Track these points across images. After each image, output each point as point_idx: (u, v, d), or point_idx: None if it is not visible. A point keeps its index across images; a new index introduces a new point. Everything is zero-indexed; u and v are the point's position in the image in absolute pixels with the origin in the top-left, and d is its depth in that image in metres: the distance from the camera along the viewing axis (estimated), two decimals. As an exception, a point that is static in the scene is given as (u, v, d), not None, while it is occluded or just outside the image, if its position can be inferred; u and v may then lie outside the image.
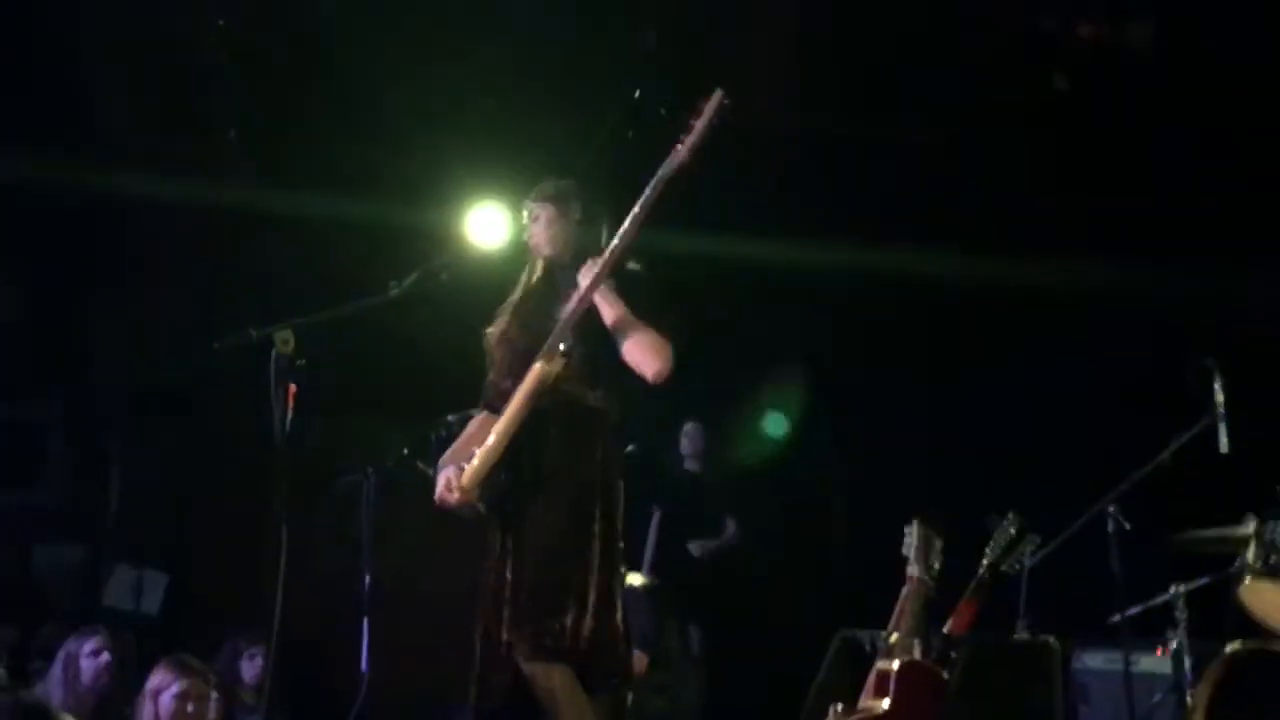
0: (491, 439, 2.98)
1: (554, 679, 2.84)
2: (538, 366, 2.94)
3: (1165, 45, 4.84)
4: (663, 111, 5.23)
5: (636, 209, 2.91)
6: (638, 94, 5.26)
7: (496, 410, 3.14)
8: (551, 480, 2.96)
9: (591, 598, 2.88)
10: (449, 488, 3.00)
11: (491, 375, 3.20)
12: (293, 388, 2.75)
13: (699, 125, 2.88)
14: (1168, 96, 5.03)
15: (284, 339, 2.75)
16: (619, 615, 2.93)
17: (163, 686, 3.81)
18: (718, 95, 2.85)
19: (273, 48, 5.34)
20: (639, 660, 4.58)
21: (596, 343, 3.02)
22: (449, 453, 3.13)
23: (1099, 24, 4.97)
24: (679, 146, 2.89)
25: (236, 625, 5.16)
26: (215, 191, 5.66)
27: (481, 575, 3.02)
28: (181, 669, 3.87)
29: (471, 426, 3.20)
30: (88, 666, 4.32)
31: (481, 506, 3.05)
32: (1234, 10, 4.76)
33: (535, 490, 2.96)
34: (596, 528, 2.94)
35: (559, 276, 3.18)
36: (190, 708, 3.83)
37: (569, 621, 2.84)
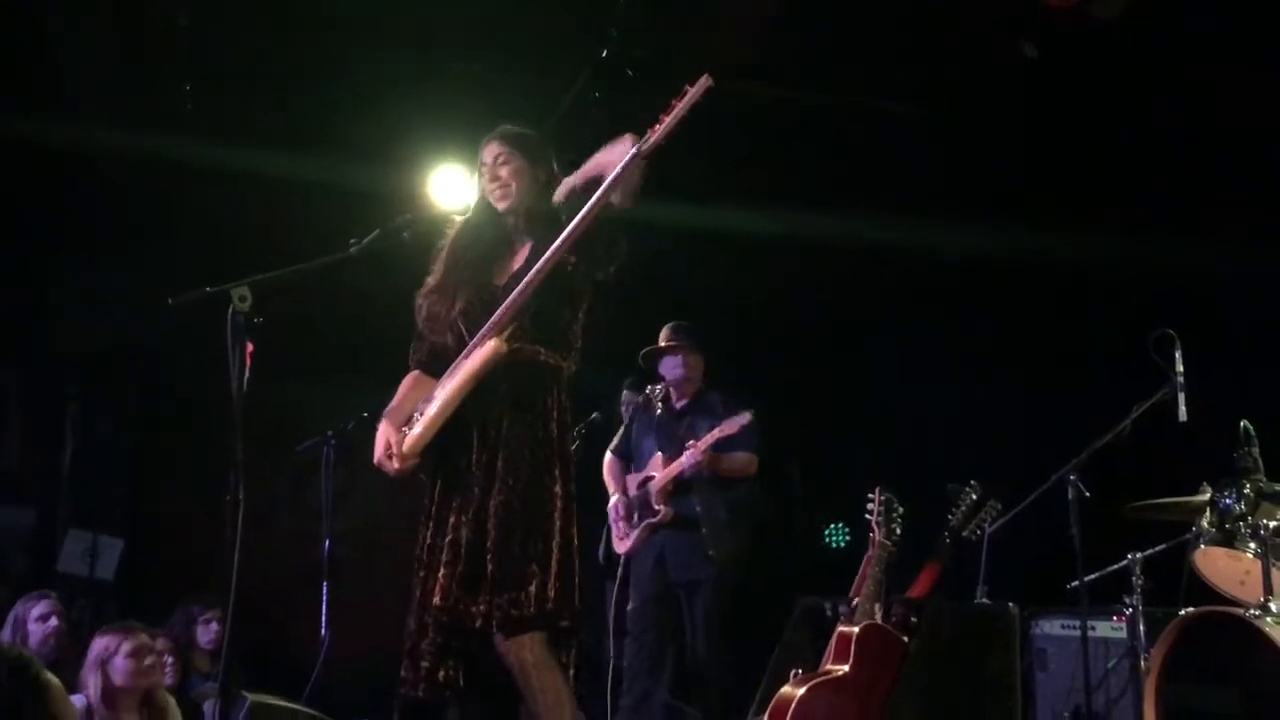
0: (434, 408, 2.90)
1: (527, 652, 2.79)
2: (491, 345, 2.86)
3: (1133, 15, 4.83)
4: (629, 72, 5.19)
5: (607, 183, 2.78)
6: (604, 54, 5.19)
7: (427, 368, 3.08)
8: (508, 441, 2.89)
9: (555, 559, 2.83)
10: (388, 454, 2.94)
11: (422, 329, 3.09)
12: (250, 346, 2.67)
13: (679, 108, 2.73)
14: (1135, 67, 5.04)
15: (241, 296, 2.68)
16: (577, 575, 2.89)
17: (109, 651, 3.73)
18: (704, 81, 2.71)
19: (234, 4, 5.20)
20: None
21: (548, 300, 2.95)
22: (386, 412, 3.05)
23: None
24: (655, 127, 2.74)
25: (192, 591, 5.11)
26: (175, 150, 5.54)
27: (424, 539, 2.94)
28: (125, 630, 3.81)
29: (404, 385, 3.11)
30: (35, 631, 4.29)
31: (424, 476, 2.99)
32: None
33: (490, 451, 2.89)
34: (557, 487, 2.89)
35: (507, 230, 3.08)
36: (148, 661, 3.77)
37: (534, 588, 2.80)
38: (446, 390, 2.92)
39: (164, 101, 5.44)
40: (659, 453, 4.73)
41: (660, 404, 4.84)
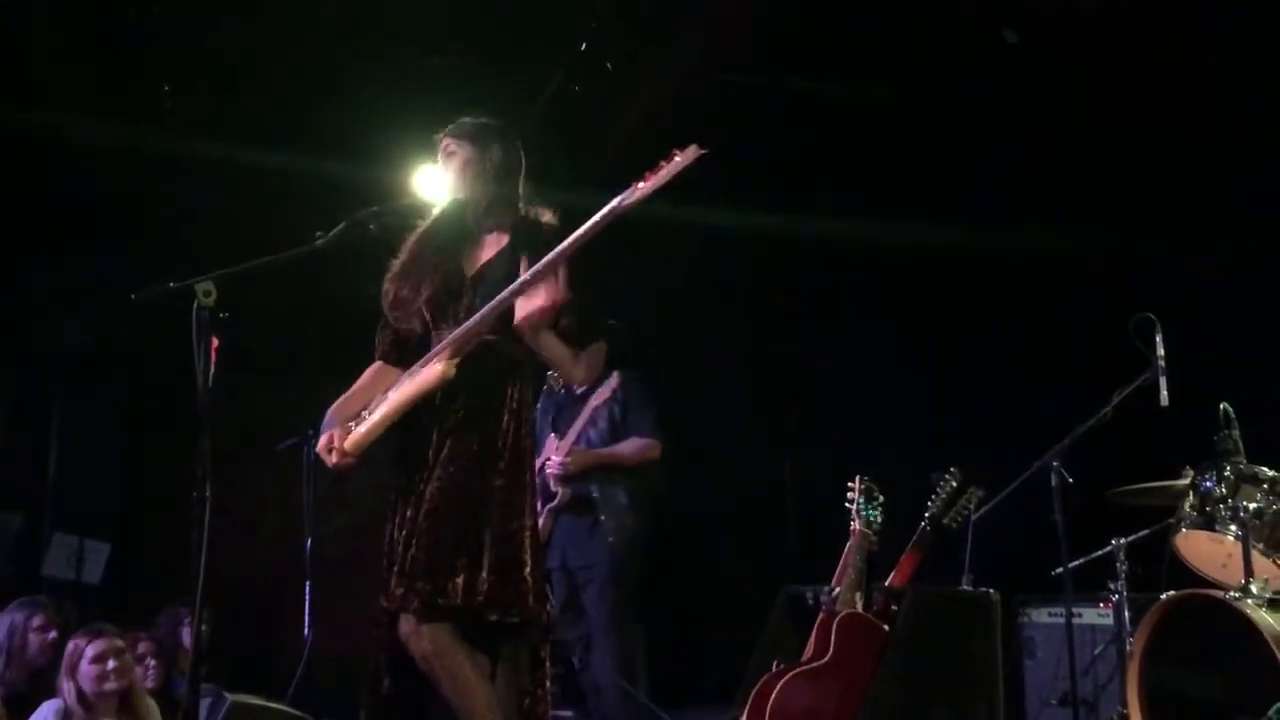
0: (380, 412, 2.88)
1: (425, 642, 2.75)
2: (438, 369, 2.82)
3: (1113, 4, 4.82)
4: (608, 65, 5.18)
5: (580, 232, 2.73)
6: (583, 46, 5.18)
7: (389, 359, 3.06)
8: (457, 431, 2.86)
9: (489, 554, 2.78)
10: (328, 447, 2.92)
11: (388, 315, 3.05)
12: (216, 341, 2.65)
13: (665, 172, 2.68)
14: (1116, 51, 5.03)
15: (205, 291, 2.65)
16: (527, 569, 2.83)
17: (76, 658, 3.73)
18: (693, 150, 2.66)
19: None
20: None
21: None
22: (337, 403, 3.02)
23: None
24: (638, 185, 2.69)
25: (179, 593, 5.07)
26: (159, 145, 5.51)
27: (389, 535, 2.92)
28: (91, 633, 3.79)
29: (364, 377, 3.07)
30: (34, 640, 4.28)
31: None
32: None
33: (439, 440, 2.87)
34: (499, 481, 2.83)
35: (471, 220, 3.04)
36: (111, 665, 3.74)
37: (461, 581, 2.75)
38: (393, 399, 2.90)
39: (145, 97, 5.42)
40: (552, 434, 4.65)
41: (561, 388, 4.76)
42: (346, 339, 5.81)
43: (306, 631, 4.73)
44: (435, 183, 5.49)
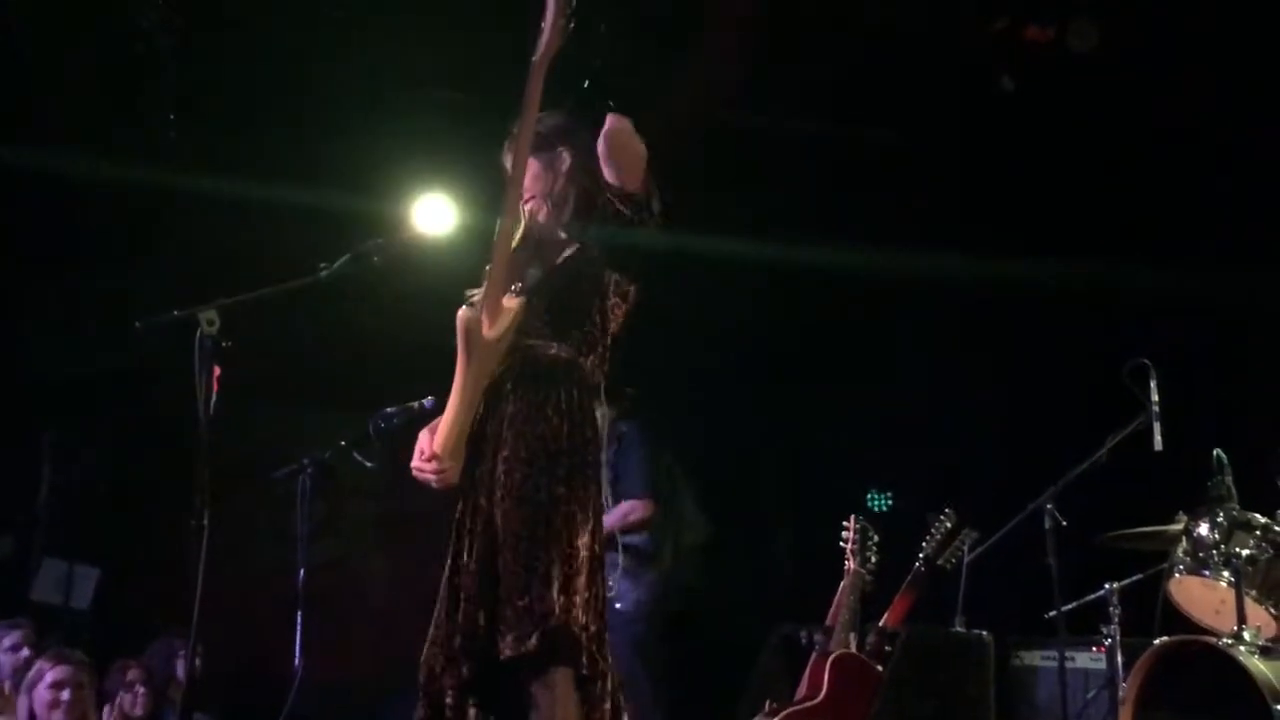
0: (450, 401, 2.71)
1: (541, 683, 2.56)
2: (459, 314, 2.67)
3: (1109, 46, 4.91)
4: (610, 104, 5.22)
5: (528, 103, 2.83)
6: (586, 84, 5.23)
7: None
8: (508, 443, 2.68)
9: (557, 574, 2.58)
10: (422, 456, 2.70)
11: None
12: (217, 370, 2.66)
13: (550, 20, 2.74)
14: (1110, 97, 5.11)
15: (209, 319, 2.67)
16: (596, 587, 2.66)
17: (36, 679, 3.71)
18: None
19: (216, 29, 5.24)
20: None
21: (567, 293, 2.78)
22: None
23: (1046, 25, 5.03)
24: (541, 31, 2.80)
25: (171, 622, 5.05)
26: (156, 174, 5.54)
27: (449, 566, 2.75)
28: (57, 658, 3.78)
29: None
30: (6, 661, 4.26)
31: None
32: (1175, 13, 4.85)
33: (492, 457, 2.69)
34: (560, 489, 2.64)
35: (542, 236, 2.88)
36: (65, 695, 3.71)
37: (529, 602, 2.56)
38: (454, 385, 2.75)
39: (141, 126, 5.46)
40: None
41: None
42: (345, 369, 5.88)
43: (297, 662, 4.70)
44: (435, 213, 5.58)
